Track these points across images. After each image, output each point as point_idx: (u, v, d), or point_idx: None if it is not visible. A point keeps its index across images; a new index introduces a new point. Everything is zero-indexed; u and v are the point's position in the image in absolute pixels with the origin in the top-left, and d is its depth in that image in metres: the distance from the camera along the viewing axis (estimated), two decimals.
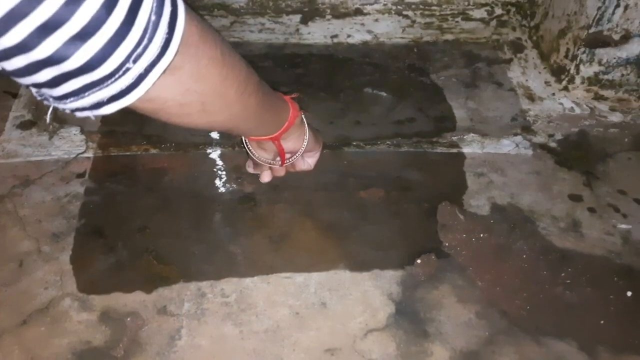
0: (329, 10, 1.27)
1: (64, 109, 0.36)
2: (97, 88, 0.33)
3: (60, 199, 0.86)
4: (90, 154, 0.93)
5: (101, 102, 0.35)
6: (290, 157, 0.73)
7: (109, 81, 0.33)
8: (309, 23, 1.25)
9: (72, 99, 0.34)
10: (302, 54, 1.18)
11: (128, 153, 0.94)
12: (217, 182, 0.91)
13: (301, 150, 0.71)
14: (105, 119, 0.99)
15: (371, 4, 1.27)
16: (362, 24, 1.26)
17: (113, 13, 0.30)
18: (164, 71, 0.36)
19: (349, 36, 1.23)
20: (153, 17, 0.33)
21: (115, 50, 0.32)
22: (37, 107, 1.01)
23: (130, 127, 0.98)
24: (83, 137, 0.96)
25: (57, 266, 0.78)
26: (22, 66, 0.31)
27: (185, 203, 0.88)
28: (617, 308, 0.80)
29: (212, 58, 0.42)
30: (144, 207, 0.87)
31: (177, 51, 0.36)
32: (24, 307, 0.74)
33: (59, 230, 0.82)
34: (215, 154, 0.96)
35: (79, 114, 0.37)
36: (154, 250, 0.81)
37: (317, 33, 1.23)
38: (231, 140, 0.98)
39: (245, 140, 0.70)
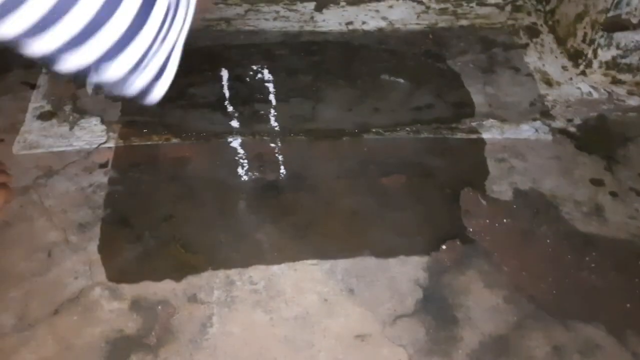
0: None
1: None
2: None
3: (84, 189, 0.86)
4: (111, 144, 0.93)
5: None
6: None
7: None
8: (324, 10, 1.24)
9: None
10: (317, 41, 1.18)
11: (149, 143, 0.94)
12: (240, 171, 0.91)
13: None
14: (124, 108, 0.99)
15: None
16: (377, 11, 1.25)
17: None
18: None
19: (364, 23, 1.22)
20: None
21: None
22: (57, 98, 1.00)
23: (150, 116, 0.98)
24: (104, 127, 0.95)
25: (85, 256, 0.78)
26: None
27: (209, 191, 0.88)
28: None
29: None
30: (168, 196, 0.86)
31: None
32: (55, 297, 0.74)
33: (85, 220, 0.82)
34: (236, 142, 0.95)
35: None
36: (180, 238, 0.81)
37: (332, 20, 1.22)
38: (251, 129, 0.98)
39: None
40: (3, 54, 1.04)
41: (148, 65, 0.36)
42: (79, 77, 0.36)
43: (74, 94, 1.01)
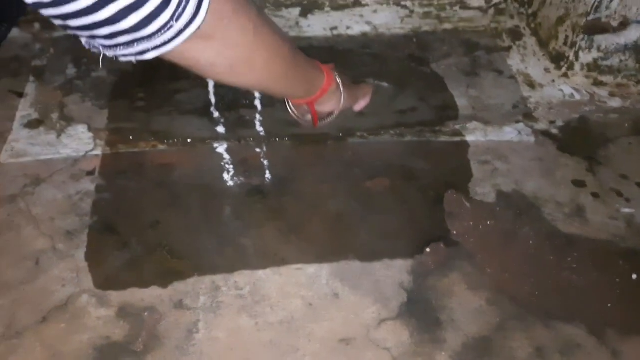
0: (327, 3, 1.27)
1: (112, 55, 0.44)
2: (145, 41, 0.41)
3: (71, 197, 0.87)
4: (98, 152, 0.93)
5: (146, 50, 0.42)
6: (325, 118, 0.82)
7: (156, 36, 0.41)
8: (309, 16, 1.25)
9: (122, 47, 0.41)
10: (302, 46, 1.18)
11: (136, 150, 0.95)
12: (225, 176, 0.92)
13: (336, 113, 0.81)
14: (111, 116, 0.99)
15: None
16: (361, 16, 1.26)
17: None
18: (199, 36, 0.43)
19: (348, 28, 1.23)
20: None
21: (163, 12, 0.39)
22: (44, 106, 1.01)
23: (136, 123, 0.99)
24: (91, 135, 0.96)
25: (72, 263, 0.79)
26: (87, 24, 0.38)
27: (195, 197, 0.89)
28: (623, 291, 0.81)
29: (244, 30, 0.49)
30: (154, 202, 0.87)
31: (208, 10, 0.42)
32: (43, 305, 0.74)
33: (72, 228, 0.83)
34: (222, 148, 0.96)
35: (123, 59, 0.44)
36: (167, 245, 0.82)
37: (317, 25, 1.23)
38: (237, 134, 0.99)
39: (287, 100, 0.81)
40: None
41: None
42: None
43: (61, 102, 1.02)
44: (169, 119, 1.00)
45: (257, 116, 1.02)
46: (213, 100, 1.05)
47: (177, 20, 0.41)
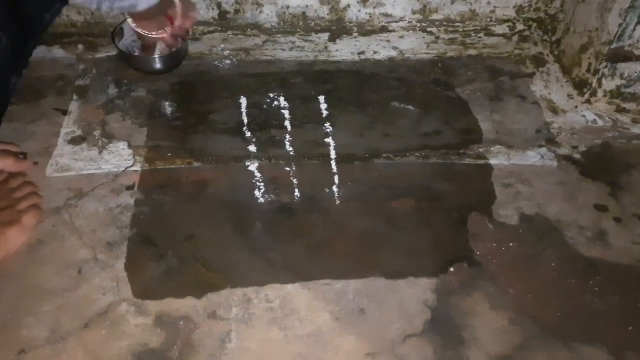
0: (355, 29, 1.32)
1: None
2: None
3: (112, 210, 0.91)
4: (138, 168, 0.98)
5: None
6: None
7: None
8: (337, 41, 1.30)
9: None
10: (331, 70, 1.23)
11: (173, 166, 0.99)
12: (256, 193, 0.96)
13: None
14: (150, 134, 1.05)
15: (396, 22, 1.32)
16: (388, 41, 1.30)
17: None
18: None
19: (375, 53, 1.28)
20: None
21: None
22: (87, 123, 1.06)
23: (174, 142, 1.03)
24: (131, 151, 1.01)
25: (113, 273, 0.83)
26: None
27: (227, 213, 0.92)
28: None
29: None
30: (190, 217, 0.91)
31: None
32: (85, 312, 0.78)
33: (113, 240, 0.87)
34: (253, 166, 1.00)
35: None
36: (201, 258, 0.86)
37: (345, 50, 1.27)
38: (268, 154, 1.03)
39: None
40: (38, 82, 1.11)
41: None
42: None
43: (103, 120, 1.07)
44: (204, 137, 1.05)
45: (288, 136, 1.07)
46: (245, 120, 1.09)
47: None
